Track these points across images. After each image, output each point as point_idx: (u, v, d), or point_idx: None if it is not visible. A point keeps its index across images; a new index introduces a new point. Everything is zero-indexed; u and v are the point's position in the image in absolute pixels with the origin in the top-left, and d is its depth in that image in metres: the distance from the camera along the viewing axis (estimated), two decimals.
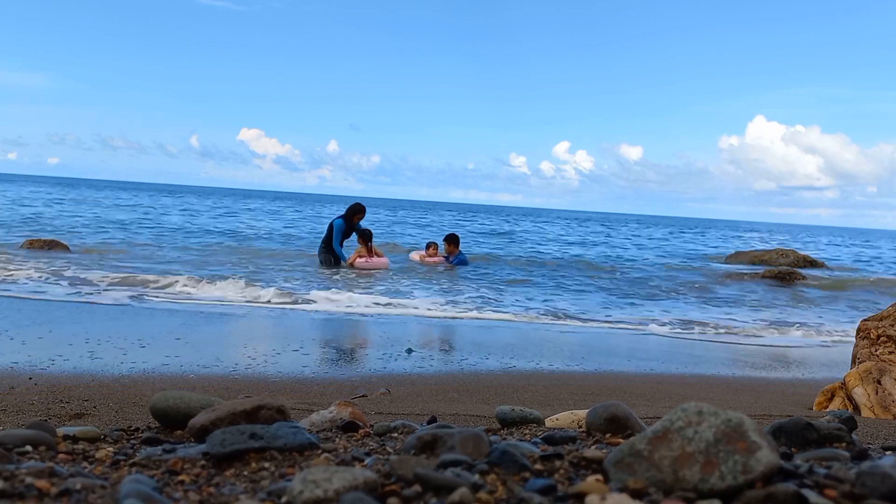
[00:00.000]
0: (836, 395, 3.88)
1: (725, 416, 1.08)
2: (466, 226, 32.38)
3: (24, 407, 3.15)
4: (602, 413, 1.64)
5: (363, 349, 5.60)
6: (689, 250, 23.67)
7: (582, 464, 1.24)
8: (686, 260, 19.13)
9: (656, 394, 4.30)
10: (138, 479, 1.13)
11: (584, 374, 4.93)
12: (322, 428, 1.75)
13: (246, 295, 8.02)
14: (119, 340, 5.00)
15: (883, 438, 2.73)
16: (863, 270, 19.45)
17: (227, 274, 9.75)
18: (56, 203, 29.42)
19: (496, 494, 1.07)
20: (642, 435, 1.12)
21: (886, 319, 4.06)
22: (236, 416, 1.53)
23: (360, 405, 3.28)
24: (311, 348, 5.31)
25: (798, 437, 1.49)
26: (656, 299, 10.45)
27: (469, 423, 2.84)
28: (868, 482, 1.01)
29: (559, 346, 6.04)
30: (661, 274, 14.68)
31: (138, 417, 3.00)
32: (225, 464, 1.29)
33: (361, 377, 4.38)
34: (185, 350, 4.87)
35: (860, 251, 30.85)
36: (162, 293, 7.93)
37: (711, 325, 7.96)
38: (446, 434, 1.35)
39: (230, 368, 4.38)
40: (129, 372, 4.09)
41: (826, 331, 8.23)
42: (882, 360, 3.83)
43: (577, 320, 7.84)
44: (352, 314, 7.25)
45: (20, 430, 1.41)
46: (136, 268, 9.97)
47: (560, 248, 21.12)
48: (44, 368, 4.05)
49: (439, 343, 6.00)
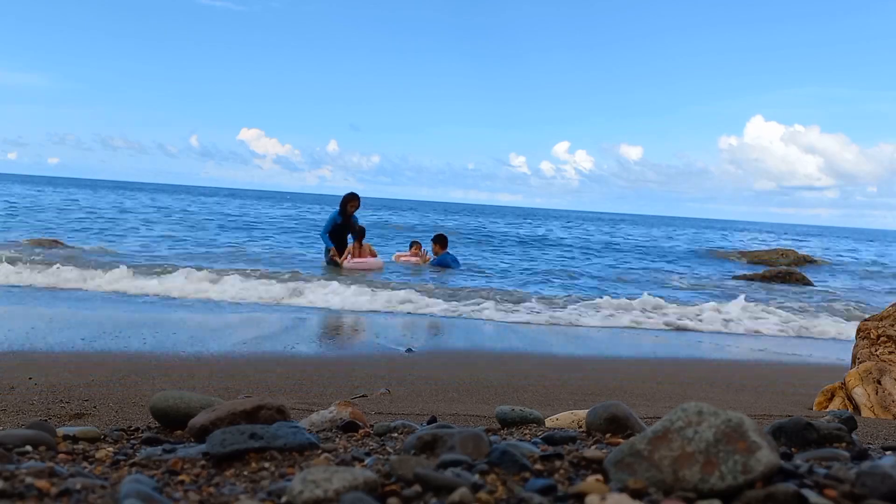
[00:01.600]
0: (836, 395, 3.87)
1: (725, 416, 1.08)
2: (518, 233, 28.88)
3: (24, 407, 3.15)
4: (602, 413, 1.64)
5: (363, 349, 5.60)
6: (689, 251, 23.66)
7: (582, 464, 1.24)
8: (687, 260, 19.12)
9: (656, 394, 4.30)
10: (138, 479, 1.13)
11: (585, 374, 4.93)
12: (322, 428, 1.75)
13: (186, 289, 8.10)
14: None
15: (883, 438, 2.73)
16: (863, 270, 19.45)
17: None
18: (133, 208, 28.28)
19: (496, 494, 1.07)
20: (642, 435, 1.11)
21: (886, 319, 4.06)
22: (236, 416, 1.53)
23: (360, 405, 3.28)
24: (311, 347, 5.31)
25: (798, 437, 1.49)
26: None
27: (469, 423, 2.84)
28: (868, 482, 1.01)
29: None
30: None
31: (138, 417, 3.00)
32: (225, 464, 1.28)
33: (361, 377, 4.38)
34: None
35: (860, 251, 30.85)
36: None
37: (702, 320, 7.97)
38: (446, 434, 1.35)
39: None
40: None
41: (826, 330, 8.23)
42: (882, 360, 3.83)
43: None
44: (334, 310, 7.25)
45: (20, 430, 1.41)
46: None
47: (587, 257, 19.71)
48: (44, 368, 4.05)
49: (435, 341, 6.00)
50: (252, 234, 19.19)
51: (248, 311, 7.18)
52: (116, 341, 5.01)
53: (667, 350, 6.36)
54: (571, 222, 51.14)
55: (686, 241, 31.25)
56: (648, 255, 20.73)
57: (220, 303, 7.74)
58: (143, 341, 5.06)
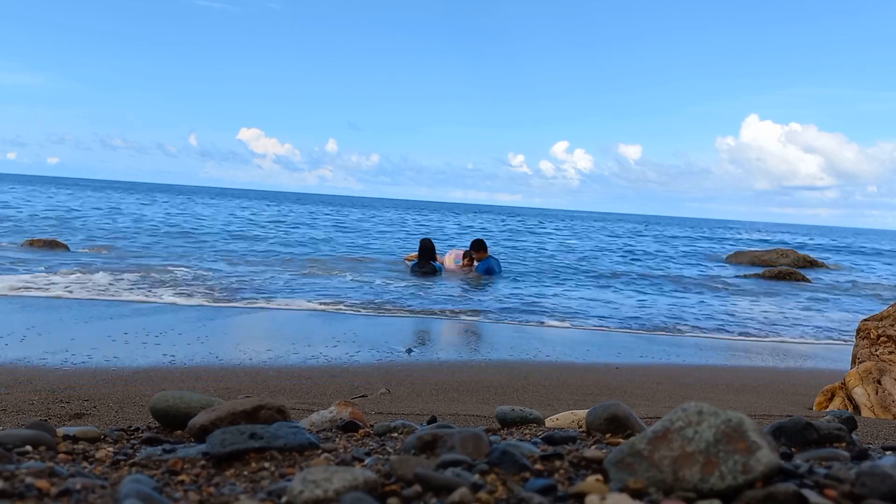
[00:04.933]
0: (836, 395, 3.87)
1: (725, 416, 1.08)
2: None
3: (24, 407, 3.15)
4: (602, 413, 1.63)
5: (363, 349, 5.59)
6: (688, 251, 23.66)
7: (582, 464, 1.24)
8: (685, 259, 19.12)
9: (656, 394, 4.30)
10: (138, 479, 1.13)
11: (585, 374, 4.93)
12: (322, 428, 1.75)
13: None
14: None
15: (883, 438, 2.73)
16: (862, 270, 19.45)
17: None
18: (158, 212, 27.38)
19: (496, 494, 1.07)
20: (642, 435, 1.11)
21: (886, 319, 4.06)
22: (236, 416, 1.53)
23: (360, 405, 3.28)
24: (311, 348, 5.31)
25: (798, 437, 1.49)
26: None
27: (469, 423, 2.84)
28: (868, 482, 1.01)
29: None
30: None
31: (138, 417, 3.00)
32: (225, 464, 1.28)
33: (361, 377, 4.38)
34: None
35: (860, 251, 30.85)
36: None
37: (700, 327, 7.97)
38: (446, 434, 1.35)
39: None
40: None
41: (826, 330, 8.23)
42: (882, 360, 3.83)
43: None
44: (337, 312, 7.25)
45: (20, 430, 1.41)
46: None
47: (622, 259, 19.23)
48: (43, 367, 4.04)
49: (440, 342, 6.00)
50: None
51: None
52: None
53: (667, 350, 6.37)
54: (575, 222, 51.09)
55: (686, 240, 31.23)
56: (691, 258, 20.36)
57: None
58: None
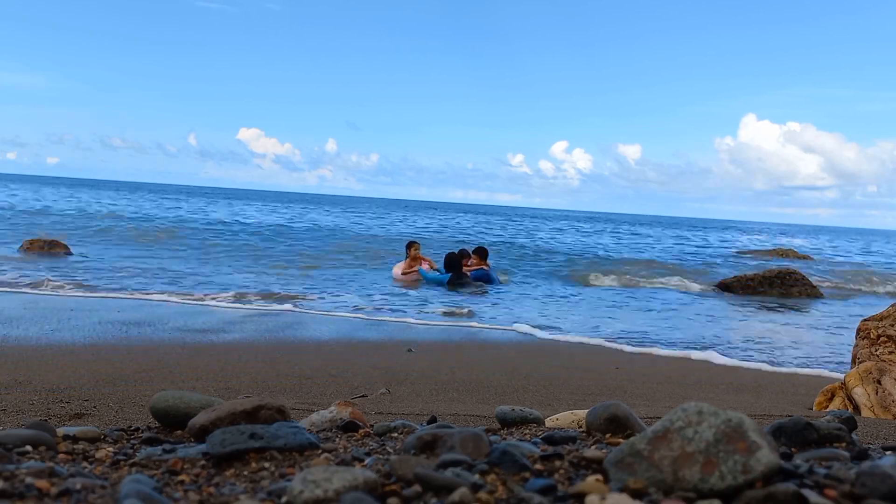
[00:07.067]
0: (836, 395, 3.87)
1: (725, 416, 1.08)
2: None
3: (24, 407, 3.15)
4: (602, 413, 1.63)
5: (363, 349, 5.59)
6: (687, 251, 23.65)
7: (582, 464, 1.23)
8: (686, 260, 19.12)
9: (656, 394, 4.30)
10: (138, 479, 1.13)
11: (585, 374, 4.92)
12: (322, 428, 1.75)
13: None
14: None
15: (883, 438, 2.73)
16: (862, 270, 19.44)
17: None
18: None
19: (496, 494, 1.07)
20: (642, 435, 1.11)
21: (886, 319, 4.06)
22: (236, 416, 1.53)
23: (360, 405, 3.28)
24: (310, 348, 5.31)
25: (798, 437, 1.49)
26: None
27: (469, 423, 2.84)
28: (868, 482, 1.01)
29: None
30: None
31: (138, 417, 3.00)
32: (225, 464, 1.28)
33: (361, 377, 4.38)
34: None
35: (860, 251, 30.85)
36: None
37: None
38: (446, 434, 1.35)
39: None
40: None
41: (826, 330, 8.23)
42: (882, 360, 3.83)
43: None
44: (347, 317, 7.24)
45: (20, 430, 1.41)
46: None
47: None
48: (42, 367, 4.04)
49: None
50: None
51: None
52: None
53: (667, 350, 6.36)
54: (580, 223, 51.08)
55: (686, 241, 31.21)
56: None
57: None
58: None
